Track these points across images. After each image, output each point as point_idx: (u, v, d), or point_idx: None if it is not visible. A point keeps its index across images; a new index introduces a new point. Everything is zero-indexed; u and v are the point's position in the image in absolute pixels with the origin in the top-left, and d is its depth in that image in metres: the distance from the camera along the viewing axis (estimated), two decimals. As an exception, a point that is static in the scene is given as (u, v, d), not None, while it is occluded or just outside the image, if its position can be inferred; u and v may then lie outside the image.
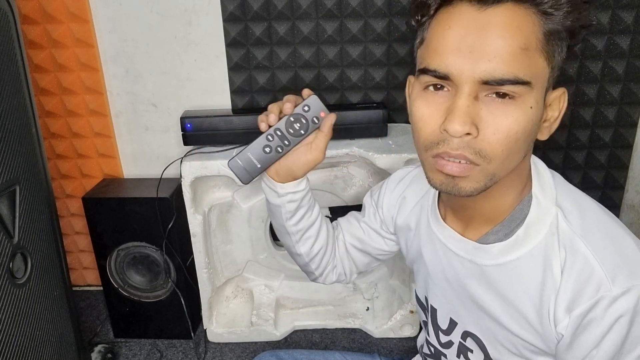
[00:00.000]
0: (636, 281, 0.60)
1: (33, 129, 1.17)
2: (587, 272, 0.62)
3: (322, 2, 1.56)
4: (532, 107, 0.59)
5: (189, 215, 1.57)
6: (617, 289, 0.60)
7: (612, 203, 1.81)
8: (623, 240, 0.64)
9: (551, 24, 0.58)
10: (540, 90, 0.60)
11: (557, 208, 0.66)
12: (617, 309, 0.60)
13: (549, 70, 0.60)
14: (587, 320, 0.62)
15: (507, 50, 0.56)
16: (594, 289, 0.61)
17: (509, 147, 0.59)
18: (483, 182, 0.61)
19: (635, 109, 1.68)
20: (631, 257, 0.63)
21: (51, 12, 1.56)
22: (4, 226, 1.06)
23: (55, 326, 1.23)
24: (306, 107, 0.78)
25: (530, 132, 0.60)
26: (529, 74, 0.57)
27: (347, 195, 1.63)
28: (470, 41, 0.57)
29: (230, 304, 1.79)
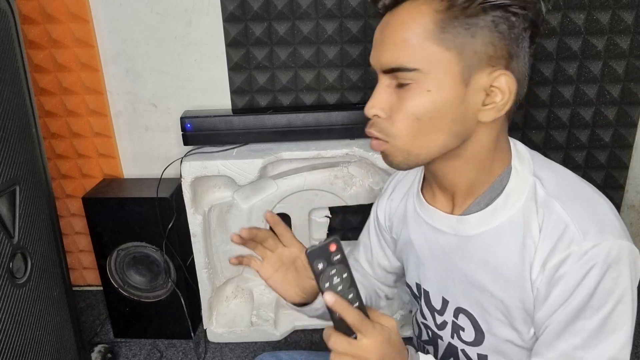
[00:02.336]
0: (606, 237, 0.65)
1: (33, 129, 1.17)
2: (561, 228, 0.67)
3: (322, 2, 1.56)
4: (430, 90, 0.65)
5: (189, 215, 1.57)
6: (587, 243, 0.65)
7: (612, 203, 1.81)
8: (596, 202, 0.70)
9: (452, 14, 0.64)
10: (444, 75, 0.65)
11: (535, 177, 0.72)
12: (587, 261, 0.64)
13: (453, 54, 0.64)
14: (559, 274, 0.66)
15: (392, 42, 0.66)
16: (566, 244, 0.66)
17: (411, 127, 0.67)
18: (401, 156, 0.70)
19: (635, 109, 1.68)
20: (603, 216, 0.68)
21: (51, 12, 1.56)
22: (4, 226, 1.06)
23: (55, 326, 1.23)
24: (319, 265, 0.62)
25: (441, 113, 0.66)
26: (414, 60, 0.65)
27: (347, 195, 1.63)
28: (378, 37, 0.69)
29: (230, 304, 1.79)
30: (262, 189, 1.62)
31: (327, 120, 1.57)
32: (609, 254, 0.64)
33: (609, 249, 0.64)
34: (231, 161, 1.51)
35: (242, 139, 1.59)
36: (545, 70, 1.64)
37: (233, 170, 1.51)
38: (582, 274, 0.65)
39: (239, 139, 1.59)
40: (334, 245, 0.63)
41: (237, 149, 1.58)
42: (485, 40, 0.64)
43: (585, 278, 0.65)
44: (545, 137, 1.72)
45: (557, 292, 0.67)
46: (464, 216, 0.75)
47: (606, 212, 0.68)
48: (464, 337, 0.80)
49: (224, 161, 1.51)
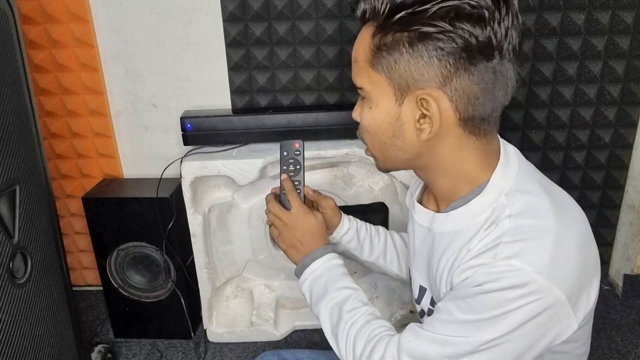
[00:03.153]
0: (522, 265, 0.64)
1: (33, 129, 1.17)
2: (494, 243, 0.68)
3: (322, 2, 1.56)
4: (371, 108, 0.74)
5: (189, 215, 1.57)
6: (501, 262, 0.65)
7: (612, 203, 1.81)
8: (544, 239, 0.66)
9: (378, 40, 0.69)
10: (381, 94, 0.72)
11: (506, 197, 0.72)
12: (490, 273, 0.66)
13: (383, 77, 0.71)
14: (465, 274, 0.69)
15: (353, 61, 0.75)
16: (487, 256, 0.67)
17: (370, 137, 0.77)
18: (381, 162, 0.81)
19: (635, 109, 1.68)
20: (537, 252, 0.65)
21: (51, 12, 1.56)
22: (4, 226, 1.06)
23: (55, 326, 1.23)
24: (285, 152, 0.94)
25: (381, 128, 0.75)
26: (360, 80, 0.74)
27: (347, 195, 1.63)
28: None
29: (230, 304, 1.79)
30: (262, 189, 1.62)
31: (327, 120, 1.57)
32: (514, 276, 0.64)
33: (518, 273, 0.64)
34: (231, 161, 1.51)
35: (242, 139, 1.59)
36: (545, 70, 1.64)
37: (233, 170, 1.51)
38: (482, 281, 0.66)
39: (239, 139, 1.59)
40: (297, 144, 0.93)
41: (237, 149, 1.58)
42: (408, 63, 0.68)
43: (483, 285, 0.66)
44: (545, 137, 1.72)
45: (456, 285, 0.70)
46: (436, 214, 0.80)
47: (544, 252, 0.65)
48: None
49: (224, 161, 1.51)
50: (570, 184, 1.78)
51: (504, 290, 0.64)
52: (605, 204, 1.81)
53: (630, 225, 1.80)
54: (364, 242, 1.06)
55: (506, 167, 0.75)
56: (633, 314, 1.77)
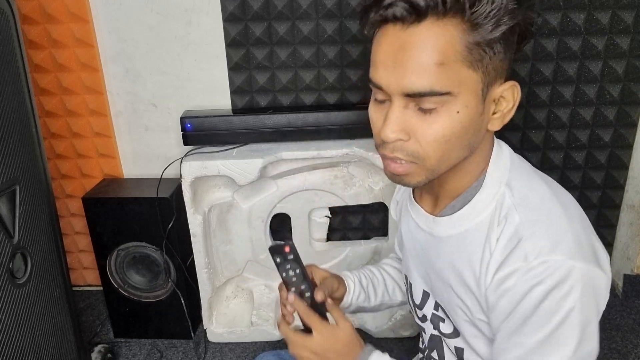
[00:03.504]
0: (556, 256, 0.64)
1: (33, 129, 1.17)
2: (514, 242, 0.67)
3: (322, 2, 1.56)
4: (459, 112, 0.65)
5: (189, 215, 1.57)
6: (535, 261, 0.64)
7: (612, 203, 1.81)
8: (559, 221, 0.68)
9: (478, 35, 0.63)
10: (470, 94, 0.65)
11: (506, 187, 0.72)
12: (531, 278, 0.64)
13: (479, 74, 0.65)
14: (504, 287, 0.67)
15: (422, 66, 0.63)
16: (516, 258, 0.66)
17: (440, 148, 0.67)
18: (424, 176, 0.70)
19: (635, 109, 1.68)
20: (560, 236, 0.66)
21: (51, 12, 1.56)
22: (4, 226, 1.06)
23: (55, 326, 1.23)
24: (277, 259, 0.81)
25: (465, 130, 0.67)
26: (447, 85, 0.63)
27: (347, 195, 1.63)
28: (393, 57, 0.65)
29: (230, 304, 1.79)
30: (262, 189, 1.62)
31: (327, 120, 1.57)
32: (554, 273, 0.63)
33: (556, 268, 0.63)
34: (231, 161, 1.51)
35: (242, 139, 1.59)
36: (545, 70, 1.64)
37: (233, 170, 1.51)
38: (526, 290, 0.65)
39: (239, 139, 1.59)
40: (287, 247, 0.80)
41: (237, 149, 1.58)
42: (501, 57, 0.66)
43: (529, 294, 0.65)
44: (545, 137, 1.72)
45: (503, 304, 0.68)
46: (437, 217, 0.78)
47: (565, 232, 0.67)
48: (443, 329, 0.84)
49: (224, 161, 1.51)
50: (570, 184, 1.78)
51: (555, 290, 0.63)
52: (605, 204, 1.81)
53: (630, 225, 1.80)
54: (368, 289, 1.01)
55: (499, 158, 0.75)
56: (633, 314, 1.77)
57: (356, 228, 1.84)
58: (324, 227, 1.75)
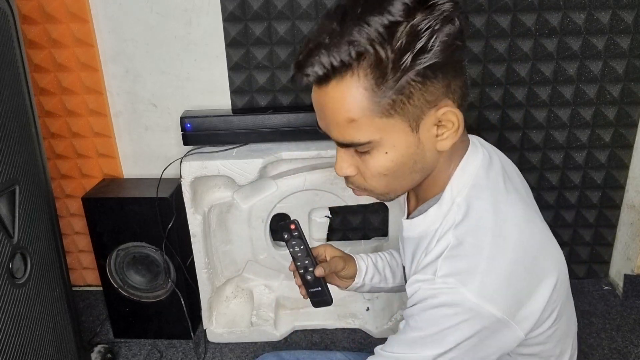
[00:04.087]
0: (460, 288, 0.64)
1: (33, 129, 1.17)
2: (431, 259, 0.70)
3: (322, 2, 1.56)
4: (387, 152, 0.68)
5: (188, 215, 1.57)
6: (440, 281, 0.66)
7: (612, 203, 1.81)
8: (485, 257, 0.66)
9: (383, 87, 0.63)
10: (394, 135, 0.67)
11: (457, 205, 0.72)
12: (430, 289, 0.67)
13: (397, 118, 0.66)
14: (411, 289, 0.71)
15: (337, 122, 0.68)
16: (430, 271, 0.68)
17: (382, 181, 0.72)
18: (383, 197, 0.76)
19: (635, 109, 1.68)
20: (478, 274, 0.65)
21: (51, 12, 1.56)
22: (4, 226, 1.05)
23: (55, 326, 1.23)
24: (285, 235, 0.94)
25: (403, 164, 0.70)
26: (365, 135, 0.67)
27: (347, 195, 1.63)
28: (319, 113, 0.71)
29: (230, 304, 1.79)
30: (262, 189, 1.62)
31: (327, 120, 1.56)
32: (452, 297, 0.65)
33: (455, 295, 0.64)
34: (231, 161, 1.51)
35: (242, 139, 1.59)
36: (545, 70, 1.64)
37: (233, 170, 1.51)
38: (425, 296, 0.67)
39: (239, 139, 1.58)
40: (292, 225, 0.93)
41: (237, 149, 1.58)
42: (420, 93, 0.65)
43: (426, 300, 0.67)
44: (545, 137, 1.72)
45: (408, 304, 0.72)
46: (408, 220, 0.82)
47: (480, 271, 0.65)
48: None
49: (223, 161, 1.51)
50: (571, 184, 1.78)
51: (442, 307, 0.66)
52: (606, 204, 1.81)
53: (631, 225, 1.80)
54: (385, 271, 1.06)
55: (463, 174, 0.74)
56: (633, 314, 1.77)
57: (356, 228, 1.84)
58: (324, 227, 1.74)
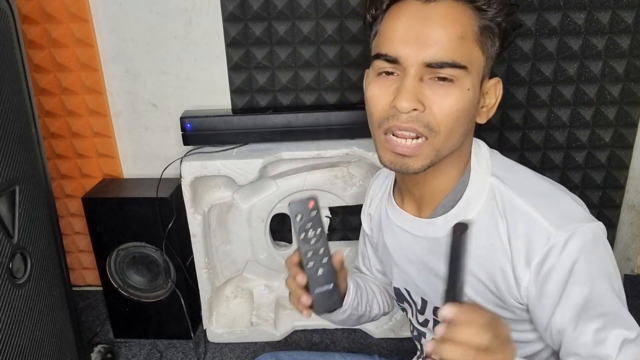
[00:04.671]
0: (578, 223, 0.68)
1: (33, 129, 1.17)
2: (532, 226, 0.68)
3: (322, 2, 1.56)
4: (469, 89, 0.67)
5: (188, 215, 1.57)
6: (563, 234, 0.67)
7: (612, 203, 1.81)
8: (556, 194, 0.72)
9: (484, 19, 0.68)
10: (476, 76, 0.68)
11: (494, 177, 0.74)
12: (570, 251, 0.67)
13: (484, 59, 0.69)
14: (545, 269, 0.67)
15: (446, 37, 0.65)
16: (544, 239, 0.67)
17: (452, 122, 0.67)
18: (429, 158, 0.69)
19: (635, 109, 1.68)
20: (567, 205, 0.71)
21: (51, 12, 1.56)
22: (4, 226, 1.05)
23: (55, 326, 1.23)
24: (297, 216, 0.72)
25: (469, 112, 0.69)
26: (465, 59, 0.66)
27: (347, 195, 1.63)
28: (415, 30, 0.66)
29: (230, 304, 1.79)
30: (262, 189, 1.62)
31: (327, 120, 1.56)
32: (585, 238, 0.67)
33: (584, 234, 0.67)
34: (231, 161, 1.51)
35: (242, 139, 1.59)
36: (545, 70, 1.64)
37: (233, 170, 1.51)
38: (570, 264, 0.67)
39: (239, 139, 1.58)
40: (312, 202, 0.72)
41: (237, 149, 1.58)
42: (496, 49, 0.70)
43: (574, 267, 0.67)
44: (546, 137, 1.72)
45: (550, 287, 0.68)
46: (431, 219, 0.77)
47: (568, 201, 0.71)
48: None
49: (223, 161, 1.51)
50: (571, 184, 1.78)
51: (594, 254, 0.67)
52: (606, 204, 1.81)
53: (631, 225, 1.80)
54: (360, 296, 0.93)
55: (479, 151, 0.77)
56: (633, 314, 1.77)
57: (356, 228, 1.84)
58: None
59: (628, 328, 0.68)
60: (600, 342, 0.67)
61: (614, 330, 0.67)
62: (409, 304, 0.91)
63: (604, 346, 0.66)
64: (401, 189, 0.83)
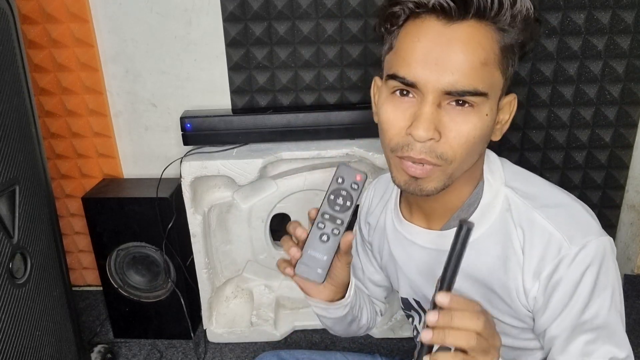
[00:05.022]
0: (590, 237, 0.68)
1: (33, 129, 1.17)
2: (546, 238, 0.69)
3: (322, 2, 1.56)
4: (487, 115, 0.65)
5: (188, 215, 1.57)
6: (575, 247, 0.67)
7: (612, 203, 1.81)
8: (571, 206, 0.72)
9: (507, 39, 0.65)
10: (495, 99, 0.67)
11: (508, 188, 0.73)
12: (579, 264, 0.67)
13: (503, 80, 0.67)
14: (554, 280, 0.68)
15: (469, 64, 0.62)
16: (556, 251, 0.68)
17: (468, 149, 0.66)
18: (443, 182, 0.68)
19: (635, 109, 1.68)
20: (580, 218, 0.71)
21: (51, 12, 1.56)
22: (4, 226, 1.05)
23: (55, 326, 1.23)
24: (339, 179, 0.70)
25: (486, 135, 0.68)
26: (486, 86, 0.63)
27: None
28: (436, 54, 0.62)
29: (230, 304, 1.79)
30: (262, 189, 1.62)
31: (327, 120, 1.57)
32: (596, 252, 0.67)
33: (596, 248, 0.67)
34: (231, 161, 1.51)
35: (242, 139, 1.59)
36: (545, 70, 1.64)
37: (233, 170, 1.51)
38: (578, 277, 0.67)
39: (239, 139, 1.58)
40: (360, 176, 0.69)
41: (237, 149, 1.58)
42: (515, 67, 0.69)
43: (582, 280, 0.67)
44: (546, 137, 1.72)
45: (556, 297, 0.69)
46: (444, 231, 0.76)
47: (582, 214, 0.71)
48: None
49: (224, 161, 1.51)
50: (571, 184, 1.78)
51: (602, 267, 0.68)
52: (606, 204, 1.81)
53: (631, 225, 1.80)
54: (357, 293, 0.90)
55: (491, 162, 0.77)
56: (633, 314, 1.77)
57: (356, 228, 1.84)
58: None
59: (619, 347, 0.69)
60: (588, 354, 0.68)
61: (605, 346, 0.68)
62: (417, 312, 0.91)
63: (589, 359, 0.68)
64: (409, 201, 0.82)
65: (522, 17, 0.64)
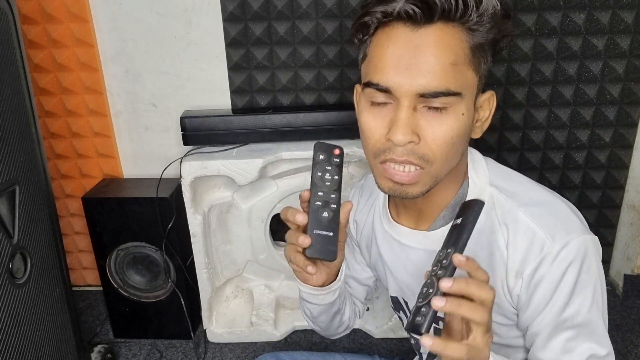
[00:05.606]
0: (572, 235, 0.69)
1: (33, 129, 1.17)
2: (529, 237, 0.70)
3: (322, 2, 1.56)
4: (463, 114, 0.66)
5: (188, 215, 1.57)
6: (557, 245, 0.68)
7: (612, 203, 1.81)
8: (555, 204, 0.73)
9: (476, 38, 0.66)
10: (470, 98, 0.67)
11: (492, 187, 0.74)
12: (560, 261, 0.68)
13: (477, 79, 0.68)
14: (537, 278, 0.69)
15: (439, 66, 0.63)
16: (538, 249, 0.69)
17: (447, 150, 0.67)
18: (428, 184, 0.70)
19: (635, 109, 1.68)
20: (564, 216, 0.71)
21: (51, 12, 1.56)
22: (4, 226, 1.05)
23: (55, 326, 1.23)
24: (321, 155, 0.72)
25: (465, 135, 0.69)
26: (459, 85, 0.65)
27: (346, 196, 1.62)
28: (406, 59, 0.64)
29: (230, 304, 1.79)
30: (262, 189, 1.62)
31: (327, 120, 1.57)
32: (578, 250, 0.68)
33: (578, 246, 0.68)
34: (231, 161, 1.51)
35: (242, 139, 1.59)
36: (545, 70, 1.64)
37: (233, 170, 1.51)
38: (560, 275, 0.68)
39: (239, 139, 1.58)
40: (338, 150, 0.72)
41: (237, 149, 1.58)
42: (489, 64, 0.69)
43: (564, 277, 0.68)
44: (546, 137, 1.72)
45: (539, 295, 0.70)
46: (431, 232, 0.77)
47: (566, 212, 0.72)
48: None
49: (223, 161, 1.51)
50: (571, 184, 1.78)
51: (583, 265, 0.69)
52: (606, 204, 1.81)
53: (631, 225, 1.80)
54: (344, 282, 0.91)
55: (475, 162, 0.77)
56: (633, 314, 1.77)
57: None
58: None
59: (600, 344, 0.70)
60: (568, 351, 0.69)
61: (585, 343, 0.69)
62: (405, 314, 0.92)
63: (570, 355, 0.69)
64: (396, 203, 0.83)
65: (489, 15, 0.64)
